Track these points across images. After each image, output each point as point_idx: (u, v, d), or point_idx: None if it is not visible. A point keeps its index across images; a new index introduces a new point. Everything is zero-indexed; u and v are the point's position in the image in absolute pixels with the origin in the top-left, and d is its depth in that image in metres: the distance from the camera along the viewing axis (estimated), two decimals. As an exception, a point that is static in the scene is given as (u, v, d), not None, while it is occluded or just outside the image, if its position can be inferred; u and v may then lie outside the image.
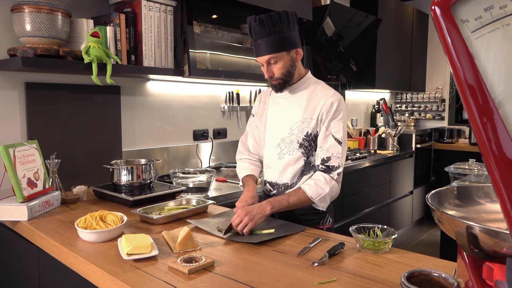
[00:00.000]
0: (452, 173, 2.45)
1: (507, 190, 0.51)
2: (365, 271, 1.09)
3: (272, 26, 1.46)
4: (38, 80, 2.03)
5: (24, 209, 1.54)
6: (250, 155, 1.81)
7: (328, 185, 1.52)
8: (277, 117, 1.66)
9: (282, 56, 1.51)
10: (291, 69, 1.55)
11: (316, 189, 1.51)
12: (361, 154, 3.60)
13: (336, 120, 1.55)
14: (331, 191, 1.52)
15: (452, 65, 0.54)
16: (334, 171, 1.53)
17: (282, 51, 1.50)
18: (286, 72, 1.54)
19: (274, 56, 1.50)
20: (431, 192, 0.84)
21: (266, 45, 1.48)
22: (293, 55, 1.54)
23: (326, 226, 1.66)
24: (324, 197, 1.52)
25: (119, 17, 2.06)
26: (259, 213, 1.41)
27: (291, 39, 1.51)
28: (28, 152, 1.67)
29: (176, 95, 2.65)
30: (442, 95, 5.00)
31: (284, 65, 1.52)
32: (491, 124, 0.52)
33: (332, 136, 1.54)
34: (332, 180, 1.52)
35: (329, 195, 1.53)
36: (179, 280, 1.03)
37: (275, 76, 1.55)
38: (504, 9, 0.52)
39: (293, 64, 1.55)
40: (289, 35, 1.50)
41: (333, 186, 1.53)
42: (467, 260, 0.75)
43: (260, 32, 1.48)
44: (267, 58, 1.51)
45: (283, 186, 1.65)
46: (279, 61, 1.51)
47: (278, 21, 1.47)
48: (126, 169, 1.88)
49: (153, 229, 1.46)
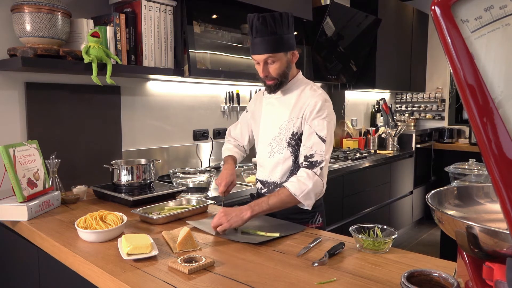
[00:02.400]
0: (452, 173, 2.45)
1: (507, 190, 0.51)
2: (365, 271, 1.09)
3: (274, 26, 1.48)
4: (38, 80, 2.03)
5: (24, 209, 1.54)
6: (235, 141, 1.92)
7: (311, 180, 1.48)
8: (269, 117, 1.70)
9: (280, 56, 1.53)
10: (286, 70, 1.58)
11: (299, 185, 1.48)
12: (361, 154, 3.60)
13: (320, 118, 1.54)
14: (314, 186, 1.48)
15: (452, 65, 0.54)
16: (317, 166, 1.50)
17: (281, 52, 1.52)
18: (282, 73, 1.57)
19: (273, 56, 1.52)
20: (431, 192, 0.84)
21: (266, 44, 1.50)
22: (290, 57, 1.57)
23: (315, 225, 1.67)
24: (307, 194, 1.48)
25: (119, 17, 2.06)
26: (238, 216, 1.39)
27: (290, 41, 1.55)
28: (28, 152, 1.67)
29: (176, 95, 2.65)
30: (442, 95, 5.00)
31: (281, 66, 1.55)
32: (491, 124, 0.52)
33: (316, 134, 1.53)
34: (315, 176, 1.49)
35: (313, 191, 1.49)
36: (179, 280, 1.03)
37: (271, 75, 1.56)
38: (504, 9, 0.52)
39: (289, 66, 1.59)
40: (288, 37, 1.53)
41: (317, 181, 1.49)
42: (467, 260, 0.75)
43: (262, 30, 1.49)
44: (266, 57, 1.52)
45: (273, 184, 1.68)
46: (276, 61, 1.53)
47: (280, 22, 1.49)
48: (126, 169, 1.88)
49: (153, 229, 1.46)
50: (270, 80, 1.58)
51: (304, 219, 1.64)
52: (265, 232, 1.39)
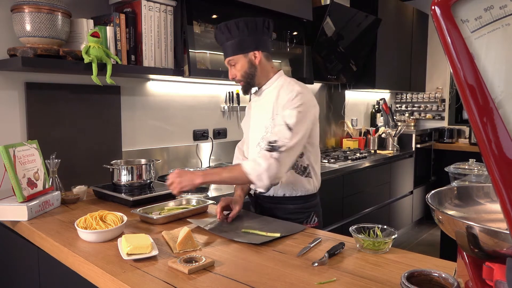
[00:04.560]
0: (452, 173, 2.45)
1: (507, 190, 0.51)
2: (365, 271, 1.09)
3: (229, 32, 1.58)
4: (38, 80, 2.03)
5: (24, 209, 1.54)
6: (241, 153, 1.89)
7: (266, 162, 1.45)
8: (256, 118, 1.73)
9: (239, 58, 1.61)
10: (249, 71, 1.62)
11: (253, 164, 1.47)
12: (361, 154, 3.61)
13: (291, 108, 1.53)
14: (268, 168, 1.44)
15: (452, 65, 0.54)
16: (276, 150, 1.47)
17: (239, 54, 1.60)
18: (245, 74, 1.63)
19: (231, 58, 1.61)
20: (431, 192, 0.84)
21: (225, 49, 1.62)
22: (251, 58, 1.61)
23: (311, 225, 1.66)
24: (260, 175, 1.45)
25: (119, 17, 2.06)
26: (189, 180, 1.46)
27: (248, 43, 1.59)
28: (28, 152, 1.67)
29: (176, 95, 2.65)
30: (442, 95, 5.00)
31: (242, 67, 1.62)
32: (491, 124, 0.52)
33: (284, 122, 1.52)
34: (271, 158, 1.46)
35: (266, 172, 1.44)
36: (179, 280, 1.03)
37: (237, 78, 1.65)
38: (504, 9, 0.52)
39: (252, 66, 1.62)
40: (245, 40, 1.59)
41: (271, 164, 1.45)
42: (467, 260, 0.75)
43: (220, 38, 1.62)
44: (227, 60, 1.64)
45: None
46: (237, 63, 1.62)
47: (235, 27, 1.57)
48: (126, 169, 1.88)
49: (153, 229, 1.46)
50: (238, 82, 1.67)
51: (299, 219, 1.64)
52: (265, 232, 1.39)
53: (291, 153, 1.50)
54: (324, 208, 1.81)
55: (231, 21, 1.58)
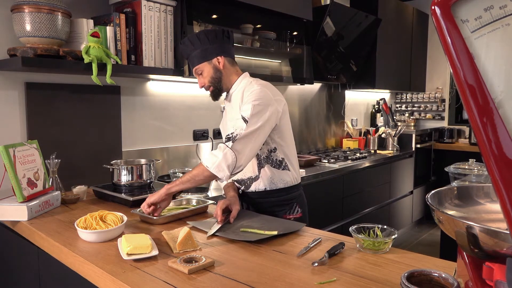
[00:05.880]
0: (452, 173, 2.45)
1: (507, 190, 0.51)
2: (365, 271, 1.09)
3: (191, 45, 1.68)
4: (38, 80, 2.03)
5: (24, 209, 1.54)
6: None
7: (221, 152, 1.51)
8: (228, 120, 1.79)
9: (204, 66, 1.69)
10: (215, 75, 1.70)
11: (211, 157, 1.53)
12: (361, 154, 3.61)
13: (248, 103, 1.59)
14: (225, 157, 1.50)
15: (452, 65, 0.54)
16: (231, 140, 1.53)
17: (203, 62, 1.68)
18: (212, 79, 1.70)
19: (198, 67, 1.70)
20: (431, 192, 0.84)
21: (192, 59, 1.70)
22: (215, 63, 1.69)
23: (293, 216, 1.74)
24: (219, 165, 1.50)
25: (119, 17, 2.06)
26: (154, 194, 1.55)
27: (211, 51, 1.68)
28: (28, 152, 1.67)
29: (176, 95, 2.65)
30: (442, 95, 5.00)
31: (208, 73, 1.70)
32: (491, 124, 0.52)
33: (241, 115, 1.57)
34: (226, 148, 1.52)
35: (224, 162, 1.49)
36: (179, 280, 1.03)
37: (206, 85, 1.72)
38: (504, 9, 0.52)
39: (217, 71, 1.70)
40: (208, 48, 1.67)
41: (227, 152, 1.51)
42: (467, 260, 0.75)
43: (186, 51, 1.71)
44: (194, 70, 1.73)
45: (248, 180, 1.75)
46: (203, 71, 1.70)
47: (196, 39, 1.67)
48: (126, 169, 1.88)
49: (153, 229, 1.46)
50: (207, 89, 1.74)
51: (282, 211, 1.72)
52: (263, 230, 1.39)
53: (248, 141, 1.54)
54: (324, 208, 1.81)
55: (193, 34, 1.70)
